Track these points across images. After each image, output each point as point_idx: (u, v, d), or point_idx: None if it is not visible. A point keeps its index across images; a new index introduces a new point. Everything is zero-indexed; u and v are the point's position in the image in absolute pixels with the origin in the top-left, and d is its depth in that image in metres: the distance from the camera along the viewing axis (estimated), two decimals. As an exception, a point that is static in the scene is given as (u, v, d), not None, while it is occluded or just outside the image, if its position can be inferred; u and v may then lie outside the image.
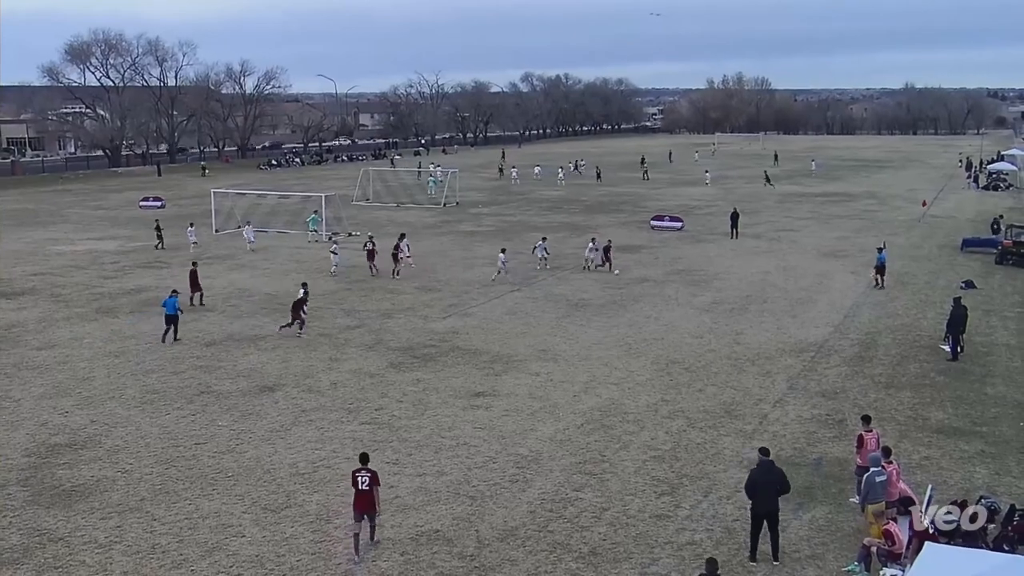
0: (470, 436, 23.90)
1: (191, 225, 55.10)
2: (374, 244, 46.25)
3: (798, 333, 33.99)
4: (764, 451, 18.50)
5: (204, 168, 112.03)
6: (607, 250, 46.40)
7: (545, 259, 46.64)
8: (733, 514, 19.39)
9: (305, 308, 34.30)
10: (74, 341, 33.39)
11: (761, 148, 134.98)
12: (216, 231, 57.81)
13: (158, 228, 54.50)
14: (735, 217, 57.88)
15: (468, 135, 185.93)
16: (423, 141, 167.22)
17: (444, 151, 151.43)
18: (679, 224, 60.97)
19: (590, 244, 47.22)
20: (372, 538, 18.31)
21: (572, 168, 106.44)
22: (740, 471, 21.12)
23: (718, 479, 21.22)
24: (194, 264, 39.71)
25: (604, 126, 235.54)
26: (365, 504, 18.04)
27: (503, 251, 44.97)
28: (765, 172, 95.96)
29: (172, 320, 33.35)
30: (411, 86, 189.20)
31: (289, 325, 34.14)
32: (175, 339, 33.15)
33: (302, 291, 35.27)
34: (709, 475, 21.45)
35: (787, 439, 23.55)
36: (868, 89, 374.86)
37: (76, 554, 17.96)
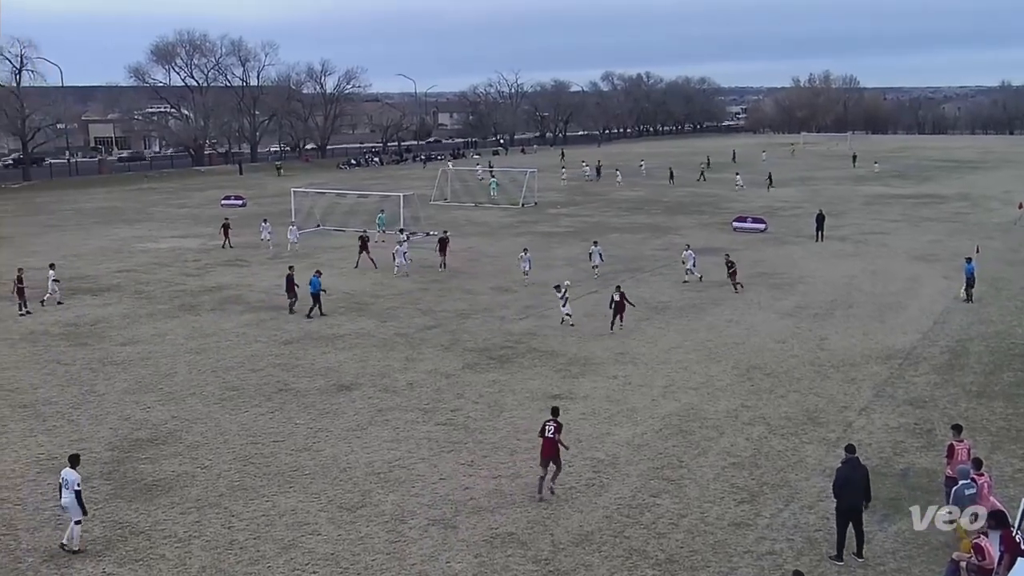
0: (546, 439, 23.87)
1: (264, 221, 56.14)
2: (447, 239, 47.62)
3: (885, 339, 33.29)
4: (850, 448, 18.40)
5: (279, 168, 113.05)
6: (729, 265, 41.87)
7: (597, 267, 44.59)
8: (815, 524, 19.07)
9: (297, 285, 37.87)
10: (157, 337, 34.24)
11: (848, 148, 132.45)
12: (298, 229, 58.68)
13: (226, 228, 55.40)
14: (821, 219, 56.93)
15: (547, 135, 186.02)
16: (502, 141, 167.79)
17: (523, 151, 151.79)
18: (762, 226, 60.19)
19: (687, 251, 44.62)
20: (554, 481, 20.50)
21: (640, 168, 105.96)
22: (823, 480, 20.77)
23: (800, 488, 20.90)
24: (290, 268, 39.52)
25: (686, 126, 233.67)
26: (551, 450, 20.26)
27: (525, 251, 44.64)
28: (769, 174, 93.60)
29: (316, 297, 37.17)
30: (490, 85, 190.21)
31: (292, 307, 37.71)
32: (321, 314, 36.98)
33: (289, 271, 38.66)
34: (791, 483, 21.13)
35: (873, 448, 23.08)
36: (962, 87, 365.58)
37: (156, 548, 18.41)
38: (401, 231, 53.75)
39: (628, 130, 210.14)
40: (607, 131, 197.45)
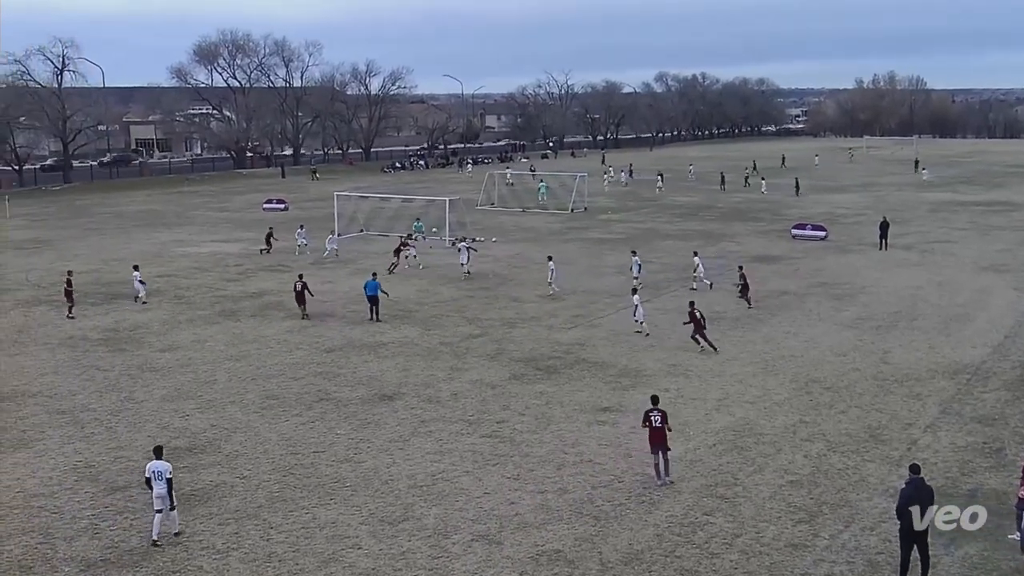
0: (595, 453, 23.83)
1: (301, 228, 56.58)
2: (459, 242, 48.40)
3: (952, 353, 32.80)
4: (914, 468, 18.14)
5: (314, 172, 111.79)
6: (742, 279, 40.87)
7: (637, 277, 43.89)
8: (877, 546, 18.81)
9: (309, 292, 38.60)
10: (196, 344, 34.66)
11: (915, 152, 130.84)
12: (338, 235, 59.10)
13: (269, 236, 55.69)
14: (884, 227, 56.26)
15: (598, 137, 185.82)
16: (551, 144, 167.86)
17: (573, 154, 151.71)
18: (823, 233, 59.62)
19: (695, 257, 44.71)
20: (667, 472, 21.89)
21: (688, 172, 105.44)
22: (885, 500, 20.51)
23: (861, 508, 20.63)
24: (300, 277, 39.77)
25: (743, 128, 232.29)
26: (659, 438, 21.80)
27: (550, 258, 43.96)
28: (796, 180, 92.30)
29: (373, 301, 37.72)
30: (539, 86, 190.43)
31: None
32: (376, 319, 37.42)
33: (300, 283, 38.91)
34: (851, 503, 20.87)
35: (939, 468, 22.72)
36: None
37: (194, 559, 18.61)
38: (463, 239, 54.08)
39: (682, 133, 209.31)
40: (660, 134, 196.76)
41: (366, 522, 20.13)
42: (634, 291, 37.04)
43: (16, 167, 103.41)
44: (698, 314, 33.07)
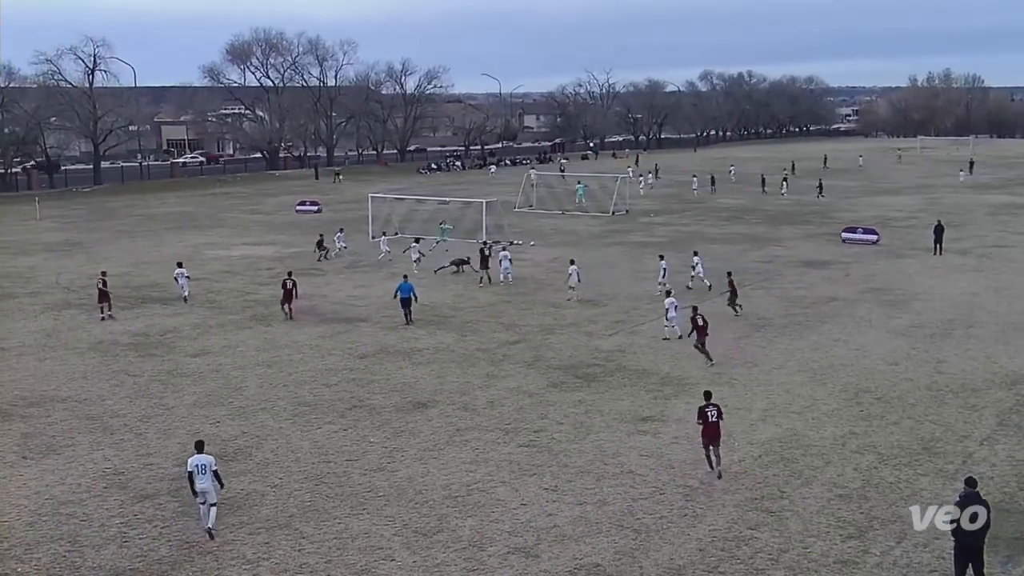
0: (635, 464, 23.77)
1: (341, 231, 57.03)
2: (490, 249, 48.38)
3: (1011, 363, 32.39)
4: (970, 482, 17.89)
5: (338, 174, 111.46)
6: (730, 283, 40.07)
7: (662, 282, 43.29)
8: (930, 564, 18.60)
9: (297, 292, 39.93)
10: (227, 349, 34.95)
11: (972, 153, 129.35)
12: (372, 237, 59.42)
13: (321, 242, 55.88)
14: (939, 231, 55.69)
15: (640, 137, 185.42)
16: (592, 144, 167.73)
17: (614, 155, 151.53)
18: (874, 237, 59.12)
19: (695, 257, 45.15)
20: (719, 464, 22.77)
21: (729, 174, 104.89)
22: (939, 516, 20.26)
23: (914, 523, 20.41)
24: (289, 274, 40.92)
25: (791, 128, 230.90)
26: (715, 433, 22.76)
27: (572, 262, 43.70)
28: (820, 181, 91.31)
29: (406, 304, 38.19)
30: (580, 85, 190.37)
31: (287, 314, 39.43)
32: (409, 322, 38.01)
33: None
34: (903, 518, 20.64)
35: (996, 482, 22.44)
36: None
37: (224, 569, 18.76)
38: (496, 242, 54.20)
39: (727, 133, 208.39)
40: (704, 134, 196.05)
41: (399, 533, 20.19)
42: (668, 293, 36.86)
43: (46, 168, 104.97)
44: (700, 320, 32.68)
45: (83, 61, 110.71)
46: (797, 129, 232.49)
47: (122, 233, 67.19)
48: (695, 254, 46.07)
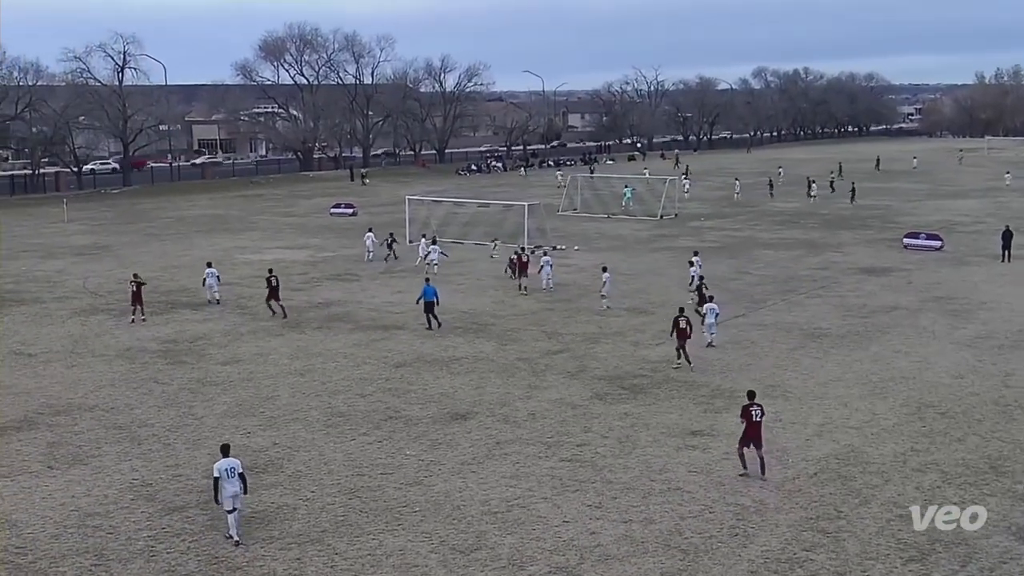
0: (684, 480, 23.66)
1: (369, 230, 57.65)
2: (528, 256, 48.27)
3: (1084, 377, 31.93)
4: None
5: (364, 177, 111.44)
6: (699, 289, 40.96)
7: (696, 283, 43.29)
8: (997, 590, 18.37)
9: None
10: (259, 357, 35.21)
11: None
12: (410, 242, 59.66)
13: (392, 243, 56.55)
14: (1008, 236, 55.02)
15: (691, 137, 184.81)
16: (639, 145, 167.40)
17: (662, 156, 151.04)
18: (938, 243, 58.53)
19: (694, 257, 47.12)
20: (763, 472, 23.42)
21: (778, 176, 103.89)
22: (1008, 538, 20.04)
23: (979, 547, 20.16)
24: (270, 271, 42.79)
25: (849, 128, 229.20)
26: (757, 433, 23.47)
27: (604, 269, 43.57)
28: (852, 184, 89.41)
29: (430, 308, 38.68)
30: (627, 83, 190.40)
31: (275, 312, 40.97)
32: (438, 325, 38.63)
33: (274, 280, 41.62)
34: (968, 541, 20.39)
35: (1067, 504, 22.12)
36: None
37: (254, 586, 18.86)
38: (538, 247, 54.25)
39: (782, 133, 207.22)
40: (758, 134, 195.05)
41: (436, 550, 20.21)
42: (710, 298, 37.03)
43: (75, 168, 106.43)
44: (683, 323, 33.09)
45: (112, 58, 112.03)
46: (856, 129, 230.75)
47: (151, 236, 67.95)
48: (695, 254, 47.80)
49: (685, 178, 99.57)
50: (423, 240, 54.76)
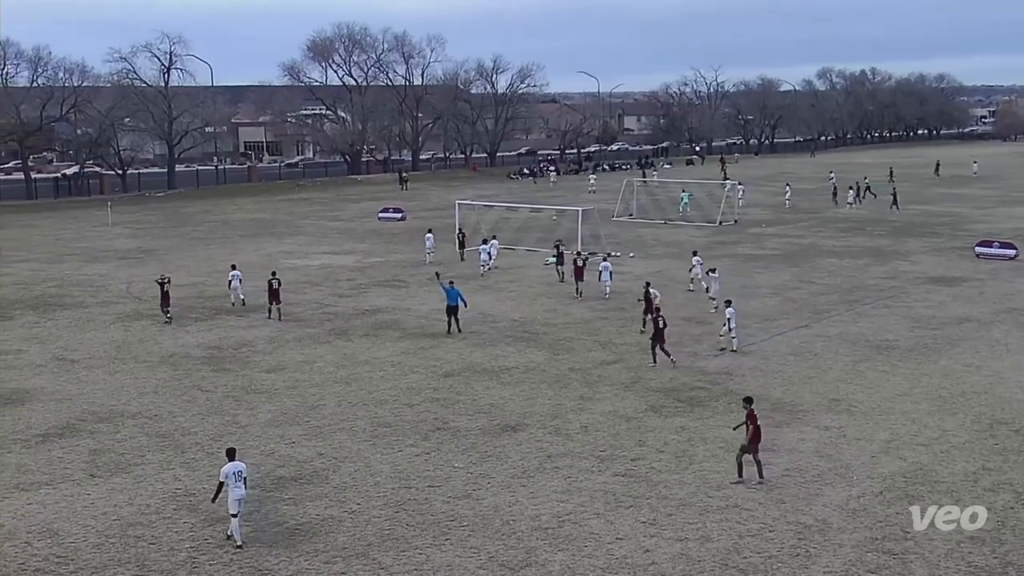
0: (742, 497, 23.51)
1: (429, 232, 58.24)
2: (585, 260, 48.73)
3: None
4: None
5: (405, 180, 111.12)
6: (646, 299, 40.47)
7: (714, 297, 43.06)
8: (1074, 617, 18.05)
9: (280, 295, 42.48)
10: (304, 364, 35.47)
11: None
12: (490, 242, 59.84)
13: (462, 239, 58.31)
14: (1086, 245, 54.10)
15: (752, 141, 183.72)
16: (698, 148, 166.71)
17: (722, 159, 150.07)
18: (1012, 252, 57.68)
19: (695, 256, 48.64)
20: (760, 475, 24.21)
21: (829, 179, 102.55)
22: (1085, 563, 19.66)
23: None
24: (273, 274, 44.01)
25: (919, 131, 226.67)
26: (760, 438, 24.35)
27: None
28: (894, 190, 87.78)
29: (452, 311, 39.48)
30: (685, 84, 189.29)
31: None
32: (457, 330, 39.40)
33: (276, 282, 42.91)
34: (1043, 565, 20.09)
35: None
36: None
37: (297, 600, 18.99)
38: (593, 253, 54.26)
39: (848, 136, 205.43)
40: (823, 137, 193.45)
41: (484, 566, 20.24)
42: (728, 303, 37.49)
43: (120, 171, 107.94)
44: (661, 322, 34.48)
45: (158, 59, 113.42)
46: (926, 132, 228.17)
47: (196, 240, 68.73)
48: (694, 253, 49.31)
49: (728, 181, 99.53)
50: (482, 245, 54.85)
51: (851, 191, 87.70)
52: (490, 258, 54.19)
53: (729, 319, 36.35)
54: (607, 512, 22.74)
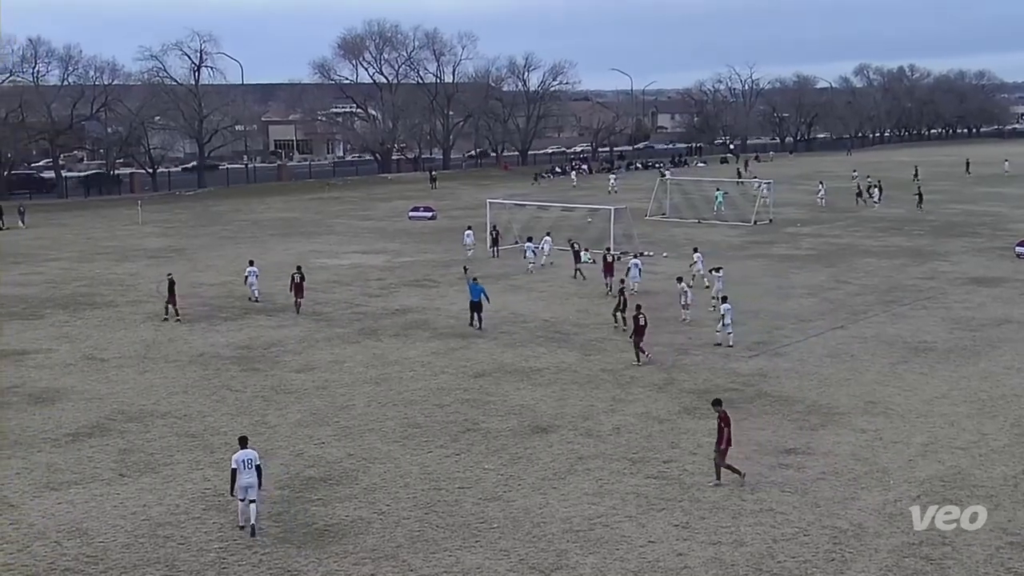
0: (777, 501, 23.41)
1: (468, 228, 59.54)
2: (615, 257, 49.91)
3: None
4: None
5: (434, 178, 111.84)
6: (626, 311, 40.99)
7: (715, 295, 42.84)
8: (1116, 625, 17.86)
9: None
10: (334, 364, 35.60)
11: None
12: (490, 246, 59.93)
13: (496, 236, 59.91)
14: None
15: (787, 139, 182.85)
16: (732, 146, 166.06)
17: (757, 158, 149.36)
18: (1054, 253, 57.15)
19: (695, 253, 49.83)
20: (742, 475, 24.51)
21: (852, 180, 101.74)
22: None
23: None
24: (298, 268, 45.53)
25: (959, 129, 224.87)
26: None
27: (680, 280, 43.08)
28: (918, 188, 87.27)
29: (476, 307, 40.24)
30: (719, 81, 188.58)
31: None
32: (479, 327, 39.97)
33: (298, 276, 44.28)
34: (1085, 572, 19.89)
35: None
36: None
37: (326, 601, 19.06)
38: (624, 252, 54.24)
39: (886, 134, 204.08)
40: (859, 135, 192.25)
41: (514, 569, 20.25)
42: (724, 299, 38.29)
43: (150, 170, 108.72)
44: (642, 319, 34.86)
45: (189, 57, 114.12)
46: (966, 130, 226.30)
47: (226, 239, 69.12)
48: (695, 250, 50.14)
49: (744, 180, 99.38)
50: (529, 243, 54.86)
51: (876, 189, 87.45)
52: (545, 254, 55.24)
53: (724, 315, 36.97)
54: (639, 515, 22.70)
